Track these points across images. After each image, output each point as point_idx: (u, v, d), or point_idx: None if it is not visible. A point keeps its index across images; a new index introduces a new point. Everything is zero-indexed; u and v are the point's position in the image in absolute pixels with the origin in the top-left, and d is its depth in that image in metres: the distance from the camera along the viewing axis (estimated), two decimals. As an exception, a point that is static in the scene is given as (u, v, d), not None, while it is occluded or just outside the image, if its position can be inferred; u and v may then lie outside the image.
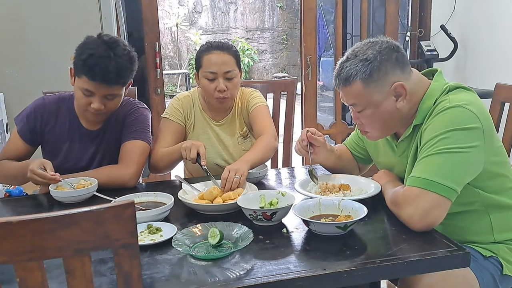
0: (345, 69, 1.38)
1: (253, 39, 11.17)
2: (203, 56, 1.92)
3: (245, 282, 1.07)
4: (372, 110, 1.40)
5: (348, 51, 1.42)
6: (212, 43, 1.95)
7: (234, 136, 2.05)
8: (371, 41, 1.41)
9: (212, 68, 1.89)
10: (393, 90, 1.37)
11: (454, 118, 1.29)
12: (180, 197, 1.54)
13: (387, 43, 1.40)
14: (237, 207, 1.42)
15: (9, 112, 2.64)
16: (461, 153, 1.27)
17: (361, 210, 1.32)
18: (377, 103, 1.38)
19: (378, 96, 1.37)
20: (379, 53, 1.36)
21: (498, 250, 1.43)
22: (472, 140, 1.28)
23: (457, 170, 1.27)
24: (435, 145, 1.29)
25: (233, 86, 1.93)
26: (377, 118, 1.41)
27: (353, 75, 1.37)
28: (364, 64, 1.36)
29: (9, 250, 0.75)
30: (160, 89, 3.65)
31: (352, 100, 1.41)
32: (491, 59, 3.45)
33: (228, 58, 1.91)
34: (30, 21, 2.65)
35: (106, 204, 0.77)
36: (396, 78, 1.37)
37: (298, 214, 1.31)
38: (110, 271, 1.13)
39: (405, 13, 4.34)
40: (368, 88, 1.37)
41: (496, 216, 1.41)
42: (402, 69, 1.38)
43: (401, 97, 1.38)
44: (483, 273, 1.38)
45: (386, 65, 1.36)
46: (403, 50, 1.42)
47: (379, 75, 1.35)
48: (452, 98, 1.34)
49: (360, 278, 1.15)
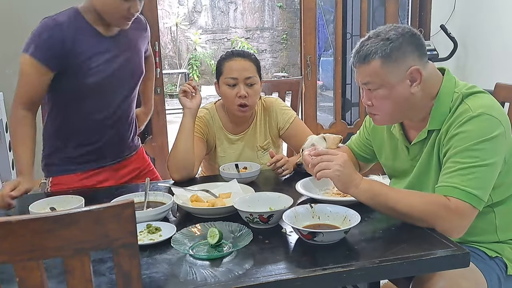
0: (365, 47, 1.39)
1: (252, 38, 11.17)
2: (224, 63, 1.94)
3: (245, 282, 1.07)
4: (385, 91, 1.40)
5: (371, 32, 1.43)
6: (233, 50, 1.99)
7: (254, 149, 2.06)
8: (393, 25, 1.42)
9: (233, 74, 1.91)
10: (409, 74, 1.38)
11: (482, 129, 1.31)
12: (175, 202, 1.53)
13: (409, 28, 1.42)
14: (233, 210, 1.42)
15: (9, 112, 2.64)
16: (491, 166, 1.31)
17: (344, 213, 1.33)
18: (392, 85, 1.38)
19: (394, 78, 1.38)
20: (401, 35, 1.38)
21: (503, 250, 1.44)
22: (499, 149, 1.32)
23: (490, 184, 1.32)
24: (470, 157, 1.30)
25: (254, 93, 1.93)
26: (390, 100, 1.41)
27: (372, 53, 1.37)
28: (385, 43, 1.37)
29: (8, 249, 0.75)
30: (160, 88, 3.65)
31: (367, 78, 1.41)
32: (491, 59, 3.46)
33: (249, 64, 1.93)
34: (30, 21, 2.64)
35: (106, 204, 0.77)
36: (414, 62, 1.38)
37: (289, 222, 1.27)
38: (109, 270, 1.13)
39: (405, 13, 4.34)
40: (386, 67, 1.37)
41: (501, 214, 1.42)
42: (420, 56, 1.40)
43: (416, 83, 1.38)
44: (491, 274, 1.39)
45: (406, 47, 1.37)
46: (422, 39, 1.43)
47: (398, 55, 1.36)
48: (472, 105, 1.35)
49: (360, 278, 1.15)
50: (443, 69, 1.48)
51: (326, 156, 1.38)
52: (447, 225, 1.28)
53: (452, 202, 1.28)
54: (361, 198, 1.36)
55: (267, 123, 2.07)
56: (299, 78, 2.57)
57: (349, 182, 1.36)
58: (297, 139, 2.00)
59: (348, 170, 1.36)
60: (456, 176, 1.29)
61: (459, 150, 1.31)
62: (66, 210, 0.76)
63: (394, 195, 1.34)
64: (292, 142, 2.07)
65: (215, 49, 10.96)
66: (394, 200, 1.32)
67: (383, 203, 1.34)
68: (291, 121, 2.05)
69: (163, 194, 1.58)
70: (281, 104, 2.10)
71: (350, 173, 1.36)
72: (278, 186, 1.78)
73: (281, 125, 2.06)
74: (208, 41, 10.96)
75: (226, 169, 1.86)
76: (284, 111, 2.06)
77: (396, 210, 1.32)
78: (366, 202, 1.36)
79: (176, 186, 1.68)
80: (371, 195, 1.35)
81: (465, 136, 1.32)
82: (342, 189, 1.38)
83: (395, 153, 1.58)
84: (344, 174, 1.35)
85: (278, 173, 1.84)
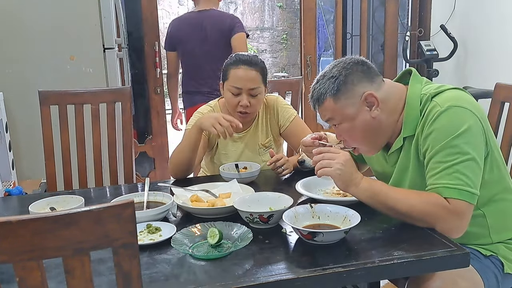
0: (316, 90, 1.45)
1: (252, 38, 11.16)
2: (230, 69, 1.93)
3: (245, 282, 1.07)
4: (349, 124, 1.43)
5: (318, 75, 1.48)
6: (241, 56, 1.95)
7: (256, 147, 2.06)
8: (336, 61, 1.46)
9: (238, 83, 1.89)
10: (364, 101, 1.40)
11: (454, 122, 1.31)
12: (175, 202, 1.53)
13: (351, 59, 1.44)
14: (233, 210, 1.42)
15: (9, 112, 2.64)
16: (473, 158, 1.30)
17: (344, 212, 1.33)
18: (352, 116, 1.42)
19: (351, 109, 1.41)
20: (343, 69, 1.41)
21: (498, 250, 1.44)
22: (477, 139, 1.32)
23: (478, 176, 1.31)
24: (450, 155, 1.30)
25: (257, 102, 1.94)
26: (356, 131, 1.44)
27: (323, 93, 1.42)
28: (330, 81, 1.41)
29: (8, 249, 0.74)
30: (160, 88, 3.66)
31: (327, 115, 1.46)
32: (491, 59, 3.45)
33: (254, 74, 1.91)
34: (30, 21, 2.65)
35: (106, 204, 0.77)
36: (365, 88, 1.40)
37: (289, 222, 1.27)
38: (109, 270, 1.13)
39: (405, 12, 4.34)
40: (339, 102, 1.41)
41: (492, 215, 1.42)
42: (370, 80, 1.42)
43: (374, 106, 1.41)
44: (487, 273, 1.39)
45: (352, 78, 1.40)
46: (370, 64, 1.45)
47: (347, 88, 1.40)
48: (439, 101, 1.36)
49: (359, 278, 1.15)
50: (410, 70, 1.49)
51: (328, 154, 1.39)
52: (447, 225, 1.28)
53: (450, 202, 1.28)
54: (361, 197, 1.37)
55: (268, 121, 2.07)
56: (299, 78, 2.57)
57: (349, 181, 1.36)
58: (297, 138, 2.00)
59: (349, 169, 1.36)
60: (443, 176, 1.30)
61: (438, 150, 1.31)
62: (66, 210, 0.76)
63: (394, 194, 1.34)
64: (292, 141, 2.07)
65: (215, 49, 10.95)
66: (394, 200, 1.32)
67: (383, 202, 1.34)
68: (291, 119, 2.05)
69: (163, 194, 1.58)
70: (282, 102, 2.10)
71: (351, 172, 1.36)
72: (278, 186, 1.78)
73: (281, 123, 2.06)
74: (208, 41, 10.95)
75: (226, 169, 1.86)
76: (285, 109, 2.07)
77: (396, 210, 1.32)
78: (366, 201, 1.36)
79: (176, 186, 1.68)
80: (371, 194, 1.35)
81: (439, 133, 1.32)
82: (343, 187, 1.38)
83: (378, 160, 1.60)
84: (345, 173, 1.35)
85: (278, 173, 1.84)
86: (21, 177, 2.73)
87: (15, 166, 2.68)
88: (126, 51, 3.08)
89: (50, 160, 2.07)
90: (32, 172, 2.74)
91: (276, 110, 2.06)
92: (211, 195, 1.61)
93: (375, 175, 1.69)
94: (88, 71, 2.73)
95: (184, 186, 1.68)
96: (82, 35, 2.71)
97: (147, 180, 1.68)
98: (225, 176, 1.80)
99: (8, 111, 2.63)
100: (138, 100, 3.74)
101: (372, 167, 1.69)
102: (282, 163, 1.83)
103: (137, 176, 3.48)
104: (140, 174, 3.66)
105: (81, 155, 2.10)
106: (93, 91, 2.15)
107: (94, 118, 2.10)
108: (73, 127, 2.07)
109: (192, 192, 1.62)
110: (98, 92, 2.16)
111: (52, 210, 1.52)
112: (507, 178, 1.44)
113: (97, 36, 2.72)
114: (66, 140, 2.07)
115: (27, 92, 2.55)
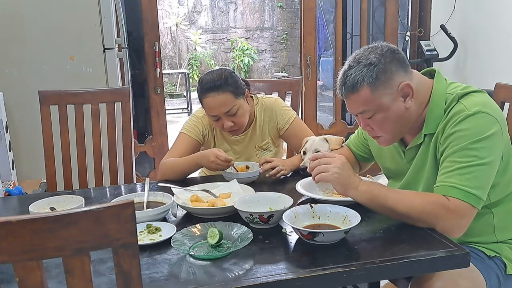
0: (350, 77, 1.36)
1: (252, 38, 11.16)
2: (201, 99, 1.91)
3: (245, 282, 1.07)
4: (383, 114, 1.38)
5: (349, 59, 1.41)
6: (204, 84, 1.88)
7: (253, 150, 2.07)
8: (371, 47, 1.40)
9: (212, 111, 1.89)
10: (401, 90, 1.37)
11: (479, 127, 1.31)
12: (175, 202, 1.53)
13: (387, 46, 1.40)
14: (233, 210, 1.42)
15: (9, 112, 2.64)
16: (489, 164, 1.30)
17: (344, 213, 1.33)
18: (387, 106, 1.37)
19: (387, 99, 1.36)
20: (382, 56, 1.36)
21: (502, 250, 1.44)
22: (497, 147, 1.32)
23: (489, 183, 1.31)
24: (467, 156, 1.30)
25: (239, 118, 1.92)
26: (389, 121, 1.39)
27: (359, 81, 1.35)
28: (369, 68, 1.34)
29: (8, 249, 0.74)
30: (160, 88, 3.65)
31: (361, 107, 1.39)
32: (491, 58, 3.45)
33: (223, 97, 1.85)
34: (30, 21, 2.65)
35: (106, 204, 0.77)
36: (402, 78, 1.37)
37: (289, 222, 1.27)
38: (109, 270, 1.13)
39: (405, 12, 4.34)
40: (377, 92, 1.35)
41: (499, 215, 1.42)
42: (405, 69, 1.39)
43: (408, 97, 1.38)
44: (490, 274, 1.39)
45: (391, 66, 1.36)
46: (402, 52, 1.43)
47: (386, 77, 1.35)
48: (467, 104, 1.35)
49: (360, 278, 1.15)
50: (434, 71, 1.47)
51: (324, 159, 1.38)
52: (446, 225, 1.28)
53: (451, 201, 1.27)
54: (361, 199, 1.36)
55: (267, 123, 2.07)
56: (299, 78, 2.57)
57: (347, 184, 1.36)
58: (297, 139, 2.00)
59: (347, 172, 1.36)
60: (455, 176, 1.29)
61: (457, 149, 1.31)
62: (66, 210, 0.76)
63: (393, 196, 1.34)
64: (292, 142, 2.07)
65: (215, 49, 10.96)
66: (393, 201, 1.32)
67: (383, 204, 1.34)
68: (291, 121, 2.05)
69: (163, 194, 1.58)
70: (281, 104, 2.09)
71: (348, 175, 1.36)
72: (278, 186, 1.78)
73: (281, 125, 2.05)
74: (208, 41, 10.96)
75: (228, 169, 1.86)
76: (284, 111, 2.06)
77: (396, 211, 1.32)
78: (366, 204, 1.36)
79: (176, 186, 1.68)
80: (370, 196, 1.35)
81: (462, 134, 1.31)
82: (342, 191, 1.38)
83: (391, 156, 1.59)
84: (343, 177, 1.35)
85: (271, 175, 1.83)
86: (21, 177, 2.73)
87: (15, 166, 2.69)
88: (126, 51, 3.07)
89: (50, 160, 2.07)
90: (32, 172, 2.74)
91: (275, 112, 2.06)
92: (211, 195, 1.61)
93: (385, 172, 1.67)
94: (88, 71, 2.73)
95: (184, 186, 1.68)
96: (82, 35, 2.71)
97: (147, 180, 1.68)
98: (225, 176, 1.80)
99: (8, 111, 2.63)
100: (138, 100, 3.74)
101: (382, 165, 1.67)
102: (273, 166, 1.83)
103: (137, 176, 3.48)
104: (140, 174, 3.67)
105: (81, 155, 2.10)
106: (93, 91, 2.15)
107: (94, 118, 2.10)
108: (73, 127, 2.07)
109: (192, 192, 1.62)
110: (98, 92, 2.17)
111: (52, 210, 1.52)
112: None
113: (97, 36, 2.73)
114: (66, 140, 2.07)
115: (27, 92, 2.55)
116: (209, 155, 1.78)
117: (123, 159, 2.15)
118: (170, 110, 8.39)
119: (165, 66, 10.48)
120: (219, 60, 11.03)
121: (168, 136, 3.76)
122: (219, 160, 1.75)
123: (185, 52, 10.84)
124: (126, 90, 2.19)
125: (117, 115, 2.15)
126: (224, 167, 1.78)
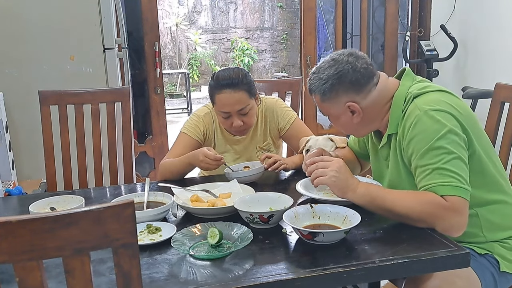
0: (310, 81, 1.50)
1: (252, 38, 11.16)
2: (214, 94, 1.89)
3: (245, 282, 1.07)
4: (333, 119, 1.53)
5: (319, 63, 1.51)
6: (221, 80, 1.87)
7: (254, 150, 2.06)
8: (333, 59, 1.46)
9: (225, 108, 1.87)
10: (347, 108, 1.46)
11: (434, 125, 1.32)
12: (175, 202, 1.53)
13: (347, 63, 1.43)
14: (233, 210, 1.42)
15: (9, 112, 2.64)
16: (459, 156, 1.30)
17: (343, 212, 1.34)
18: (336, 116, 1.50)
19: (336, 110, 1.48)
20: (334, 75, 1.43)
21: (493, 248, 1.44)
22: (459, 138, 1.32)
23: (467, 172, 1.32)
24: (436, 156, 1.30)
25: (249, 118, 1.92)
26: (343, 127, 1.53)
27: (313, 89, 1.49)
28: (320, 82, 1.46)
29: (8, 249, 0.74)
30: (160, 88, 3.65)
31: (318, 105, 1.54)
32: (491, 59, 3.45)
33: (239, 95, 1.86)
34: (30, 21, 2.65)
35: (106, 204, 0.77)
36: (349, 98, 1.44)
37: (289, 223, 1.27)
38: (109, 270, 1.13)
39: (405, 12, 4.34)
40: (325, 103, 1.48)
41: (485, 215, 1.42)
42: (358, 90, 1.44)
43: (355, 114, 1.46)
44: (484, 272, 1.39)
45: (338, 88, 1.44)
46: (365, 68, 1.44)
47: (331, 95, 1.45)
48: (419, 103, 1.37)
49: (360, 278, 1.15)
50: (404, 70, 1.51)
51: (321, 163, 1.40)
52: (446, 223, 1.28)
53: (446, 199, 1.28)
54: (359, 202, 1.37)
55: (267, 124, 2.06)
56: (299, 78, 2.57)
57: (345, 187, 1.37)
58: (297, 140, 2.00)
59: (344, 175, 1.37)
60: (435, 176, 1.30)
61: (423, 153, 1.32)
62: (66, 210, 0.76)
63: (391, 197, 1.34)
64: (293, 143, 2.06)
65: (215, 49, 10.96)
66: (392, 203, 1.32)
67: (381, 206, 1.34)
68: (291, 121, 2.04)
69: (163, 194, 1.58)
70: (282, 104, 2.09)
71: (346, 178, 1.37)
72: (278, 186, 1.78)
73: (281, 126, 2.05)
74: (208, 41, 10.95)
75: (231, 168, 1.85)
76: (285, 112, 2.06)
77: (394, 212, 1.32)
78: (364, 206, 1.37)
79: (176, 186, 1.68)
80: (369, 198, 1.35)
81: (422, 137, 1.33)
82: (340, 194, 1.39)
83: (374, 154, 1.62)
84: (340, 180, 1.36)
85: (274, 169, 1.84)
86: (21, 177, 2.73)
87: (15, 166, 2.68)
88: (126, 51, 3.07)
89: (50, 160, 2.07)
90: (32, 172, 2.74)
91: (275, 113, 2.06)
92: (211, 195, 1.61)
93: (373, 173, 1.68)
94: (88, 71, 2.73)
95: (184, 186, 1.68)
96: (82, 35, 2.71)
97: (147, 180, 1.68)
98: (227, 174, 1.79)
99: (8, 111, 2.63)
100: (138, 100, 3.74)
101: (372, 164, 1.69)
102: (274, 161, 1.84)
103: (137, 176, 3.48)
104: (140, 174, 3.67)
105: (81, 155, 2.10)
106: (93, 91, 2.15)
107: (94, 118, 2.10)
108: (73, 127, 2.07)
109: (192, 192, 1.62)
110: (98, 92, 2.17)
111: (52, 210, 1.52)
112: (499, 179, 1.44)
113: (97, 36, 2.72)
114: (66, 140, 2.07)
115: (27, 92, 2.55)
116: (198, 155, 1.77)
117: (123, 159, 2.15)
118: (170, 110, 8.39)
119: (165, 66, 10.47)
120: (219, 60, 11.02)
121: (168, 136, 3.76)
122: (208, 159, 1.74)
123: (185, 52, 10.84)
124: (126, 90, 2.19)
125: (117, 115, 2.15)
126: (214, 166, 1.76)
